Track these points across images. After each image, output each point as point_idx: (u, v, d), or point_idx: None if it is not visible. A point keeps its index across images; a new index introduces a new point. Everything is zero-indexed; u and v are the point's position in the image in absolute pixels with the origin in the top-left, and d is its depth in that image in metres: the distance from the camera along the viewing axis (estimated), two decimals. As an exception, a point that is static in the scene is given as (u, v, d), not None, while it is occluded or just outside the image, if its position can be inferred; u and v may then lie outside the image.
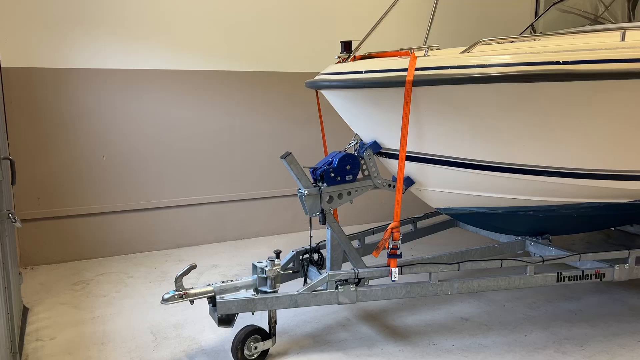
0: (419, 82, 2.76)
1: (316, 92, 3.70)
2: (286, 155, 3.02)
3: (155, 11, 4.68)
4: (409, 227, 4.28)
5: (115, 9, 4.54)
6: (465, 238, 5.15)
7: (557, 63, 2.68)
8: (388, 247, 2.95)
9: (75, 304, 3.77)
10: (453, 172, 3.24)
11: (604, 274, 3.28)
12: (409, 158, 3.24)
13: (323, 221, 3.13)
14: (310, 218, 3.19)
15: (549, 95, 2.84)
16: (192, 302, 2.91)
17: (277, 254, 3.06)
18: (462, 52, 2.83)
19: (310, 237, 3.36)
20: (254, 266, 3.04)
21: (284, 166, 3.07)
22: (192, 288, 2.91)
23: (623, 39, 2.95)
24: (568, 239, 5.11)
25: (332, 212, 3.20)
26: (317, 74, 3.45)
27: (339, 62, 3.38)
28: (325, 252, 3.39)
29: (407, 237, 4.25)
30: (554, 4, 5.05)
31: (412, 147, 3.17)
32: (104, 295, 3.92)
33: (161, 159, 4.89)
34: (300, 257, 3.47)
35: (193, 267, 2.92)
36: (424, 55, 2.88)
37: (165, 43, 4.75)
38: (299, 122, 5.34)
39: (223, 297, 2.87)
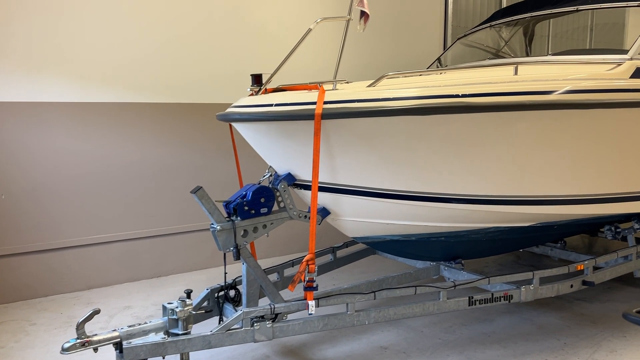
0: (328, 115, 2.80)
1: (229, 124, 3.66)
2: (197, 190, 2.94)
3: (61, 42, 4.48)
4: (328, 257, 4.28)
5: (18, 39, 4.30)
6: (385, 265, 5.23)
7: (457, 96, 2.82)
8: (304, 280, 2.92)
9: (-35, 359, 3.42)
10: (366, 201, 3.29)
11: (512, 295, 3.42)
12: (324, 189, 3.25)
13: (237, 256, 3.05)
14: (225, 254, 3.11)
15: (451, 127, 2.97)
16: (95, 349, 2.72)
17: (188, 294, 2.94)
18: (369, 85, 2.91)
19: (225, 273, 3.27)
20: (164, 307, 2.90)
21: (197, 201, 2.98)
22: (96, 334, 2.72)
23: (516, 73, 3.17)
24: (482, 262, 5.31)
25: (247, 246, 3.14)
26: (231, 105, 3.41)
27: (251, 94, 3.37)
28: (242, 288, 3.31)
29: (327, 267, 4.24)
30: (458, 39, 5.36)
31: (326, 178, 3.20)
32: (1, 347, 3.59)
33: (67, 196, 4.62)
34: (216, 294, 3.36)
35: (96, 312, 2.74)
36: (332, 89, 2.94)
37: (71, 74, 4.55)
38: (215, 154, 5.25)
39: (130, 342, 2.71)
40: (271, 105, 2.98)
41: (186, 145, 5.13)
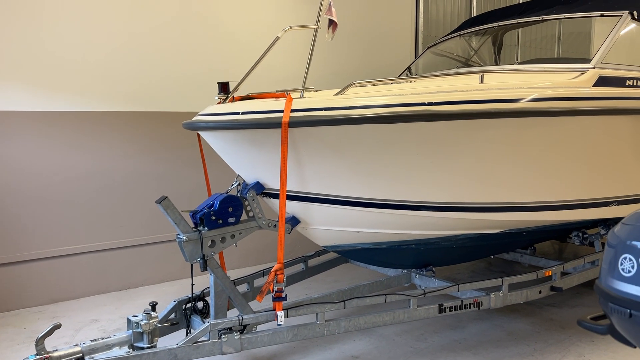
0: (295, 123, 2.78)
1: (197, 133, 3.61)
2: (162, 200, 2.89)
3: (23, 50, 4.37)
4: (300, 266, 4.24)
5: (-24, 46, 4.19)
6: (358, 273, 5.21)
7: (423, 104, 2.83)
8: (273, 290, 2.88)
9: None
10: (336, 210, 3.28)
11: (482, 302, 3.44)
12: (293, 197, 3.23)
13: (204, 267, 3.00)
14: (192, 265, 3.05)
15: (419, 135, 2.98)
16: (56, 366, 2.63)
17: (153, 306, 2.87)
18: (336, 94, 2.90)
19: (192, 284, 3.21)
20: (129, 320, 2.83)
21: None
22: (57, 350, 2.64)
23: (482, 81, 3.20)
24: (453, 269, 5.34)
25: (215, 257, 3.09)
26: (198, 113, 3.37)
27: (219, 102, 3.33)
28: (210, 299, 3.25)
29: (299, 277, 4.20)
30: (428, 48, 5.41)
31: (295, 186, 3.17)
32: (-41, 365, 3.46)
33: (31, 207, 4.49)
34: (183, 306, 3.30)
35: (57, 326, 2.66)
36: (300, 97, 2.92)
37: (34, 83, 4.44)
38: (184, 163, 5.18)
39: (93, 358, 2.64)
40: (238, 113, 2.95)
41: (154, 154, 5.04)
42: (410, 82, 3.82)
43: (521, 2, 5.31)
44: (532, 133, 3.29)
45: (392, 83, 3.60)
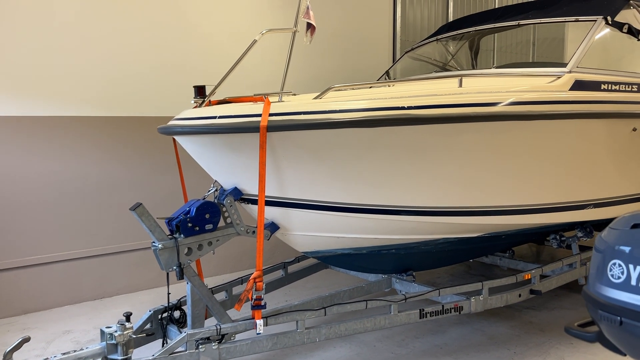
0: (273, 127, 2.73)
1: (173, 138, 3.54)
2: (136, 207, 2.81)
3: (-7, 52, 4.24)
4: (279, 273, 4.18)
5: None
6: (338, 279, 5.17)
7: (402, 108, 2.81)
8: (252, 298, 2.82)
9: None
10: (316, 215, 3.23)
11: (462, 306, 3.42)
12: (272, 203, 3.17)
13: (181, 276, 2.92)
14: (167, 273, 2.97)
15: (398, 139, 2.96)
16: (25, 381, 2.52)
17: (127, 317, 2.78)
18: (315, 98, 2.86)
19: (168, 293, 3.12)
20: (102, 332, 2.73)
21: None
22: (26, 365, 2.53)
23: (460, 85, 3.20)
24: (433, 273, 5.34)
25: (191, 264, 3.01)
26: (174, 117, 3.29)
27: (195, 106, 3.26)
28: (187, 308, 3.17)
29: (279, 283, 4.14)
30: (406, 52, 5.42)
31: (274, 191, 3.12)
32: None
33: (0, 215, 4.34)
34: (159, 316, 3.21)
35: (26, 339, 2.55)
36: (278, 101, 2.87)
37: (5, 87, 4.30)
38: (159, 169, 5.07)
39: (64, 372, 2.53)
40: (215, 117, 2.89)
41: (128, 160, 4.93)
42: (389, 86, 3.81)
43: (496, 7, 5.35)
44: (511, 137, 3.29)
45: (370, 87, 3.58)
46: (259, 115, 2.75)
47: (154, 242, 2.90)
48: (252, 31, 5.42)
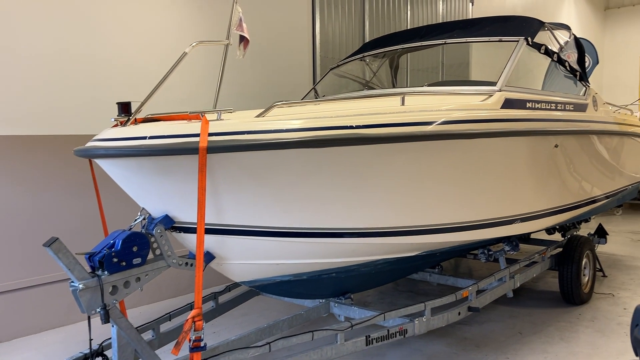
0: (214, 148, 2.48)
1: (90, 160, 3.14)
2: (51, 242, 2.41)
3: None
4: (210, 305, 3.86)
5: None
6: (268, 304, 4.92)
7: (351, 127, 2.69)
8: (190, 340, 2.52)
9: None
10: (255, 241, 3.01)
11: (407, 329, 3.34)
12: (208, 231, 2.89)
13: (106, 319, 2.55)
14: (89, 316, 2.58)
15: (343, 159, 2.83)
16: None
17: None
18: (257, 115, 2.65)
19: (90, 339, 2.72)
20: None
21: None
22: None
23: (403, 103, 3.14)
24: (364, 293, 5.25)
25: (117, 305, 2.65)
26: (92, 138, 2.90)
27: (115, 125, 2.90)
28: (112, 355, 2.78)
29: (209, 316, 3.82)
30: (331, 69, 5.35)
31: (210, 218, 2.84)
32: None
33: None
34: (79, 366, 2.79)
35: None
36: (217, 119, 2.63)
37: None
38: (73, 195, 4.55)
39: None
40: (145, 137, 2.57)
41: (36, 185, 4.36)
42: (326, 103, 3.68)
43: (420, 26, 5.46)
44: (444, 156, 3.29)
45: (312, 104, 3.43)
46: (197, 135, 2.48)
47: (72, 282, 2.51)
48: (168, 43, 5.07)
